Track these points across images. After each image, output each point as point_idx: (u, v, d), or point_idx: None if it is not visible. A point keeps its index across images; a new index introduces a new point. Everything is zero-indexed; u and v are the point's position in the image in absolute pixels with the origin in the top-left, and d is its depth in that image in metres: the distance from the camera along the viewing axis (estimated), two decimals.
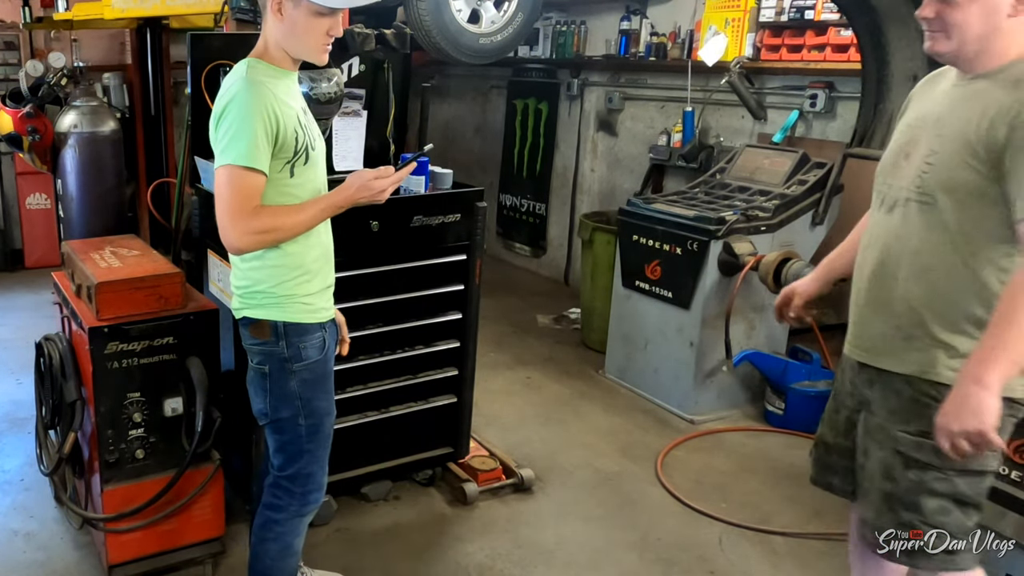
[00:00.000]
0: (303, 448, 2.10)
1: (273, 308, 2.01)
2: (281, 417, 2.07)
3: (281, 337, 2.01)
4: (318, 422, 2.11)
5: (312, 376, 2.06)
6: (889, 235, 1.84)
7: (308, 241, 2.01)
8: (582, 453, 3.15)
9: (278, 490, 2.14)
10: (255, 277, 2.02)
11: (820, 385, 3.64)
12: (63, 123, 4.26)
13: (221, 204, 1.86)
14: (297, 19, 1.88)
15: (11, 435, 3.50)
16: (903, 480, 1.81)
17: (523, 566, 2.72)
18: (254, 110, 1.84)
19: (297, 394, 2.05)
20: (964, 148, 1.69)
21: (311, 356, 2.05)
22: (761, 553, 2.82)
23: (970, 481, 1.78)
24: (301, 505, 2.15)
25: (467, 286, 2.93)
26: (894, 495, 1.83)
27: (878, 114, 3.57)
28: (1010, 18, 1.67)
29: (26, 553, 2.72)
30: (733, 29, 4.28)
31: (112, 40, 6.18)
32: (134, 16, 4.85)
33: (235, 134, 1.83)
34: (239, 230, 1.85)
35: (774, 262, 3.51)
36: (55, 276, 2.81)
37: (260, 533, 2.18)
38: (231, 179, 1.84)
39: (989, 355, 1.62)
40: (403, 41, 2.96)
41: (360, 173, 1.99)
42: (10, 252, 5.99)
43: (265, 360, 2.05)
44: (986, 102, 1.68)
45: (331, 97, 2.62)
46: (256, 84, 1.87)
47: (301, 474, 2.12)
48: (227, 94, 1.88)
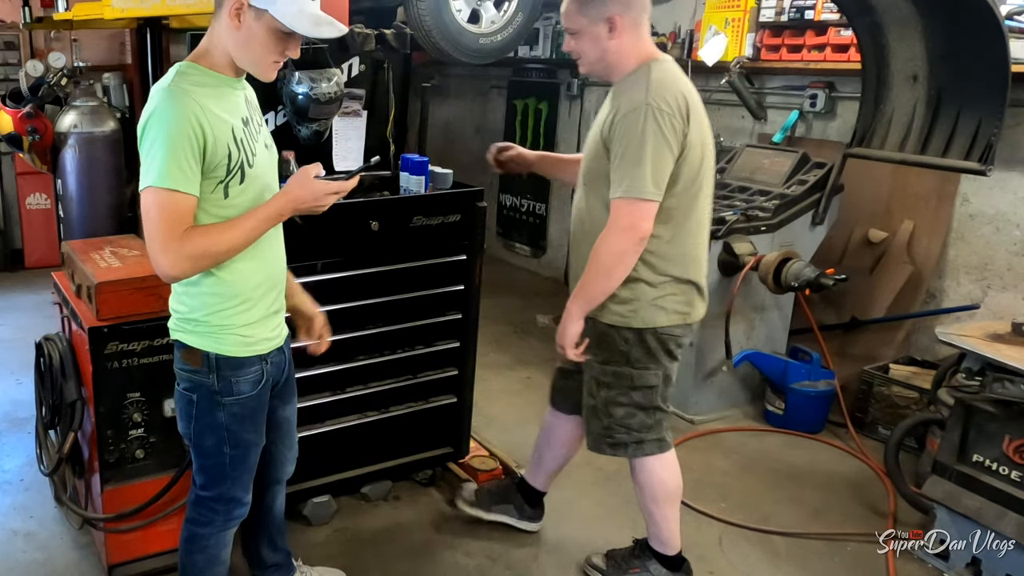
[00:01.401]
0: (226, 474, 2.01)
1: (206, 338, 1.88)
2: (204, 444, 1.97)
3: (213, 370, 1.89)
4: (244, 453, 2.00)
5: (242, 411, 1.95)
6: (577, 210, 2.41)
7: (248, 266, 1.87)
8: (582, 453, 3.14)
9: (201, 508, 2.06)
10: (190, 304, 1.89)
11: (820, 385, 3.64)
12: (63, 123, 4.26)
13: (149, 229, 1.71)
14: (255, 32, 1.75)
15: (11, 435, 3.50)
16: (598, 397, 2.41)
17: (523, 566, 2.72)
18: (177, 125, 1.68)
19: (224, 426, 1.94)
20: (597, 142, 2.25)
21: (243, 391, 1.93)
22: (761, 553, 2.82)
23: (643, 393, 2.39)
24: (225, 522, 2.07)
25: (467, 286, 2.93)
26: (596, 408, 2.43)
27: (878, 114, 3.57)
28: (610, 40, 2.21)
29: (26, 553, 2.72)
30: (733, 29, 4.28)
31: (112, 40, 6.18)
32: (134, 16, 4.82)
33: (158, 152, 1.68)
34: (170, 257, 1.70)
35: (774, 262, 3.51)
36: (55, 276, 2.81)
37: (186, 546, 2.10)
38: (157, 202, 1.69)
39: (577, 294, 2.28)
40: (403, 41, 2.96)
41: (303, 171, 1.84)
42: (10, 252, 5.99)
43: (193, 388, 1.93)
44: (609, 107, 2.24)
45: (331, 97, 2.62)
46: (179, 95, 1.71)
47: (223, 497, 2.04)
48: (151, 105, 1.73)
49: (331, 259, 2.62)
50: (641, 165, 2.11)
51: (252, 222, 1.79)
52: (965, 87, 3.23)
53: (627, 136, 2.13)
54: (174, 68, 1.79)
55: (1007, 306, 3.50)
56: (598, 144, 2.25)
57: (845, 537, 2.90)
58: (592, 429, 2.47)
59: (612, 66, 2.26)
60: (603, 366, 2.38)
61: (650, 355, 2.34)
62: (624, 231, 2.15)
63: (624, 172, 2.13)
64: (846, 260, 4.05)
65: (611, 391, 2.39)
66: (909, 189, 3.88)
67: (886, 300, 3.88)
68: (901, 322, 3.87)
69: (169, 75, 1.77)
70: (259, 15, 1.73)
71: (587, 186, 2.33)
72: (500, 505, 2.85)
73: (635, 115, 2.12)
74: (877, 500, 3.14)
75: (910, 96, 3.45)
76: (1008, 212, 3.52)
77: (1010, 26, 3.18)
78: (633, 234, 2.15)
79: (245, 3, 1.73)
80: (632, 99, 2.15)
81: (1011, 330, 2.74)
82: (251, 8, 1.73)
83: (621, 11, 2.19)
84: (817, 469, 3.38)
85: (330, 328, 2.24)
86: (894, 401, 3.55)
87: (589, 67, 2.30)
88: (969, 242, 3.68)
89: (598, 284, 2.23)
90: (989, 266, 3.60)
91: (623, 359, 2.35)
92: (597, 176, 2.26)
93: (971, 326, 2.96)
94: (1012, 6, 3.38)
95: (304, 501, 2.83)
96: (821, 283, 3.42)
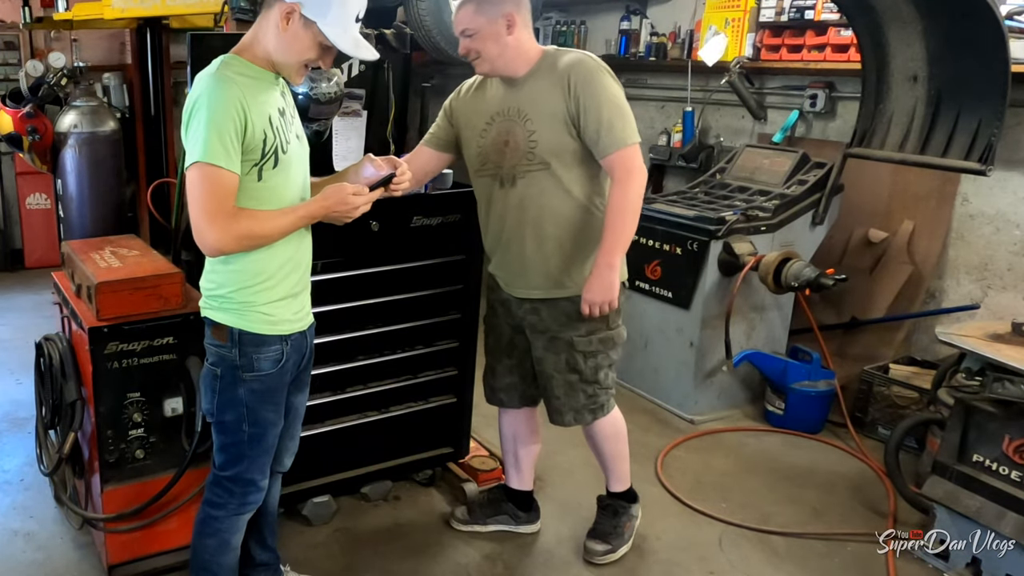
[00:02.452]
0: (244, 453, 2.07)
1: (232, 314, 1.98)
2: (225, 420, 2.05)
3: (236, 344, 1.98)
4: (262, 431, 2.07)
5: (262, 387, 2.03)
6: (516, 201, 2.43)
7: (273, 246, 1.95)
8: (582, 453, 3.14)
9: (218, 488, 2.12)
10: (217, 280, 1.99)
11: (820, 385, 3.64)
12: (63, 123, 4.26)
13: (196, 205, 1.81)
14: (300, 38, 1.87)
15: (11, 435, 3.50)
16: (584, 369, 2.50)
17: (523, 566, 2.72)
18: (222, 107, 1.80)
19: (244, 402, 2.02)
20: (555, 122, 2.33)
21: (263, 368, 2.01)
22: (761, 553, 2.82)
23: (619, 349, 2.55)
24: (240, 505, 2.13)
25: (467, 286, 2.93)
26: (579, 381, 2.52)
27: (878, 114, 3.57)
28: (509, 36, 2.33)
29: (26, 553, 2.72)
30: (733, 29, 4.28)
31: (112, 40, 6.18)
32: (134, 16, 4.85)
33: (203, 132, 1.79)
34: (217, 232, 1.82)
35: (774, 262, 3.51)
36: (55, 276, 2.81)
37: (199, 528, 2.16)
38: (205, 178, 1.80)
39: (611, 247, 2.33)
40: (403, 41, 2.96)
41: (341, 187, 1.98)
42: (10, 252, 5.99)
43: (218, 363, 2.02)
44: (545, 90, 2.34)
45: (331, 97, 2.63)
46: (224, 80, 1.83)
47: (241, 478, 2.10)
48: (196, 90, 1.84)
49: (331, 259, 2.62)
50: (623, 116, 2.32)
51: (292, 217, 1.93)
52: (965, 87, 3.22)
53: (598, 101, 2.30)
54: (219, 59, 1.90)
55: (1007, 306, 3.50)
56: (558, 125, 2.34)
57: (845, 537, 2.90)
58: (572, 404, 2.55)
59: (513, 60, 2.37)
60: (588, 337, 2.48)
61: (619, 311, 2.49)
62: (639, 173, 2.32)
63: (611, 126, 2.29)
64: (846, 260, 4.05)
65: (596, 358, 2.51)
66: (909, 189, 3.88)
67: (886, 300, 3.88)
68: (901, 322, 3.87)
69: (215, 64, 1.88)
70: (308, 24, 1.86)
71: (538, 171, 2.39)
72: (494, 517, 2.88)
73: (593, 79, 2.31)
74: (877, 500, 3.14)
75: (910, 96, 3.45)
76: (1008, 212, 3.52)
77: (1010, 26, 3.18)
78: (643, 174, 2.33)
79: (297, 10, 1.84)
80: (579, 71, 2.32)
81: (1011, 330, 2.74)
82: (302, 17, 1.85)
83: (515, 9, 2.34)
84: (817, 469, 3.38)
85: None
86: (894, 401, 3.54)
87: (491, 65, 2.38)
88: (969, 242, 3.68)
89: (629, 229, 2.34)
90: (989, 266, 3.60)
91: (604, 324, 2.47)
92: (560, 153, 2.36)
93: (971, 326, 2.96)
94: (1012, 6, 3.38)
95: (304, 501, 2.83)
96: (821, 283, 3.42)
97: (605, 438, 2.68)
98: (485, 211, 2.55)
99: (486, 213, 2.55)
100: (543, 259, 2.45)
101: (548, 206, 2.41)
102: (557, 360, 2.52)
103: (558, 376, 2.53)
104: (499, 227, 2.51)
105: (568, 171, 2.38)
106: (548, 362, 2.54)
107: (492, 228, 2.54)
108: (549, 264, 2.45)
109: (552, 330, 2.50)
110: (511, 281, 2.55)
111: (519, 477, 2.86)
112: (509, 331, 2.64)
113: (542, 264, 2.45)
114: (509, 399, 2.73)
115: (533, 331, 2.55)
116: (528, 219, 2.43)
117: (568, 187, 2.40)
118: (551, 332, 2.50)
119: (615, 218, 2.33)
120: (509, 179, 2.43)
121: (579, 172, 2.40)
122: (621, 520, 2.76)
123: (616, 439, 2.70)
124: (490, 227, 2.55)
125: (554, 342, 2.51)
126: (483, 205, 2.56)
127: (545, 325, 2.51)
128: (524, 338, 2.60)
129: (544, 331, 2.52)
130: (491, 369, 2.74)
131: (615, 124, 2.30)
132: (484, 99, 2.51)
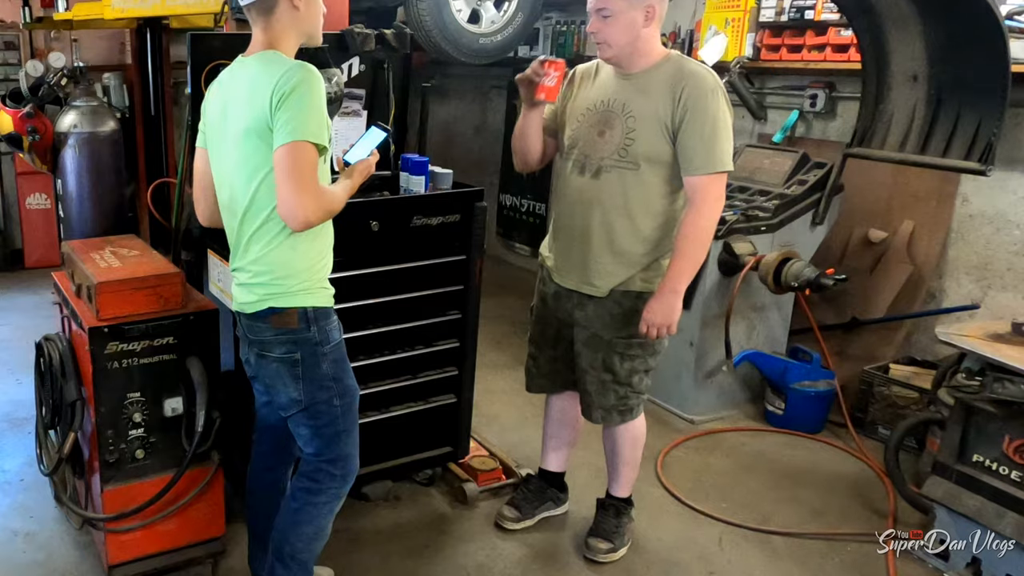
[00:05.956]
0: (339, 429, 2.14)
1: (301, 295, 2.04)
2: (317, 401, 2.10)
3: (312, 323, 2.05)
4: (351, 400, 2.16)
5: (339, 356, 2.13)
6: (593, 187, 2.43)
7: (327, 224, 2.08)
8: (581, 453, 3.15)
9: (319, 474, 2.17)
10: (286, 267, 2.03)
11: (820, 385, 3.64)
12: (63, 123, 4.25)
13: (295, 179, 1.88)
14: (310, 3, 2.02)
15: (11, 435, 3.50)
16: (620, 371, 2.51)
17: (523, 566, 2.72)
18: (320, 92, 1.92)
19: (330, 376, 2.10)
20: (657, 128, 2.32)
21: (335, 338, 2.11)
22: (761, 553, 2.82)
23: (658, 357, 2.56)
24: (341, 485, 2.20)
25: (467, 286, 2.93)
26: (613, 381, 2.53)
27: (878, 114, 3.57)
28: (644, 28, 2.31)
29: (26, 553, 2.72)
30: (733, 29, 4.28)
31: (112, 40, 6.17)
32: (134, 16, 4.83)
33: (309, 113, 1.89)
34: (313, 204, 1.90)
35: (774, 262, 3.51)
36: (55, 276, 2.81)
37: (293, 518, 2.19)
38: (306, 154, 1.89)
39: (679, 274, 2.34)
40: (403, 41, 2.96)
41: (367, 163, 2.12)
42: (10, 252, 5.98)
43: (294, 348, 2.06)
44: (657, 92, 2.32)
45: (331, 97, 2.62)
46: (316, 71, 1.94)
47: (341, 456, 2.17)
48: (291, 78, 1.89)
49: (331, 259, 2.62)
50: (722, 142, 2.30)
51: (348, 188, 2.06)
52: (965, 87, 3.22)
53: (703, 117, 2.27)
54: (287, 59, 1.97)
55: (1007, 306, 3.50)
56: (658, 130, 2.33)
57: (845, 537, 2.90)
58: (602, 403, 2.58)
59: (639, 53, 2.35)
60: (629, 340, 2.48)
61: None
62: (717, 201, 2.34)
63: (708, 149, 2.29)
64: (846, 260, 4.05)
65: (634, 362, 2.52)
66: (909, 189, 3.88)
67: (886, 300, 3.88)
68: (901, 322, 3.87)
69: (295, 61, 1.96)
70: None
71: (627, 170, 2.38)
72: (542, 506, 2.92)
73: (707, 95, 2.28)
74: (877, 500, 3.14)
75: (910, 96, 3.45)
76: (1008, 212, 3.52)
77: (1010, 26, 3.18)
78: (721, 203, 2.36)
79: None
80: (695, 83, 2.29)
81: (1011, 330, 2.74)
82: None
83: (658, 3, 2.31)
84: (817, 469, 3.38)
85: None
86: (894, 401, 3.55)
87: (616, 52, 2.35)
88: (969, 242, 3.68)
89: (699, 257, 2.36)
90: (989, 266, 3.60)
91: None
92: (653, 158, 2.35)
93: (971, 326, 2.96)
94: (1012, 6, 3.38)
95: None
96: (821, 283, 3.42)
97: (624, 442, 2.69)
98: (561, 194, 2.57)
99: (561, 196, 2.56)
100: (606, 259, 2.45)
101: (626, 208, 2.40)
102: (594, 357, 2.54)
103: (592, 372, 2.56)
104: (569, 214, 2.51)
105: (655, 177, 2.37)
106: (585, 357, 2.57)
107: (563, 213, 2.55)
108: (609, 266, 2.45)
109: (594, 328, 2.52)
110: (563, 268, 2.56)
111: (556, 459, 2.93)
112: (557, 323, 2.66)
113: (603, 264, 2.46)
114: (552, 385, 2.78)
115: (577, 325, 2.58)
116: (602, 216, 2.43)
117: (650, 195, 2.39)
118: (593, 329, 2.53)
119: (687, 245, 2.33)
120: (593, 169, 2.43)
121: (665, 184, 2.39)
122: (623, 520, 2.77)
123: (634, 445, 2.71)
124: (561, 212, 2.56)
125: (594, 339, 2.53)
126: (560, 187, 2.57)
127: (589, 321, 2.53)
128: (571, 331, 2.61)
129: (587, 327, 2.54)
130: (533, 359, 2.78)
131: (716, 145, 2.29)
132: (593, 85, 2.50)
